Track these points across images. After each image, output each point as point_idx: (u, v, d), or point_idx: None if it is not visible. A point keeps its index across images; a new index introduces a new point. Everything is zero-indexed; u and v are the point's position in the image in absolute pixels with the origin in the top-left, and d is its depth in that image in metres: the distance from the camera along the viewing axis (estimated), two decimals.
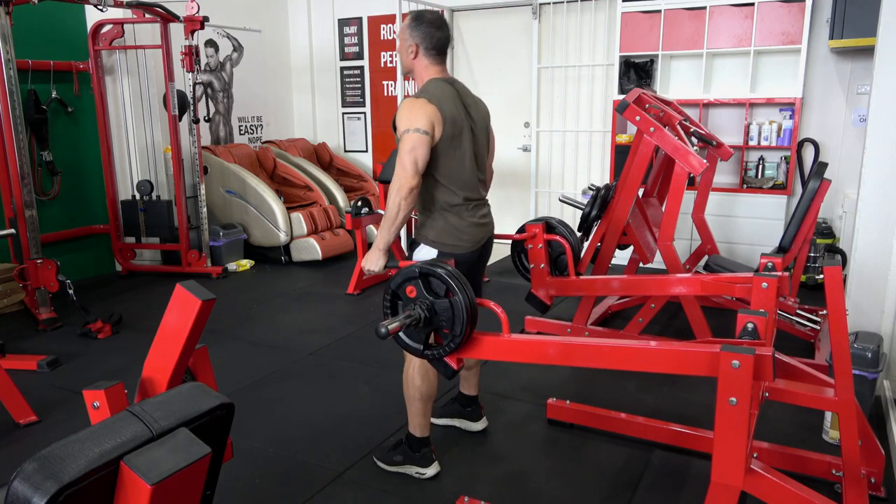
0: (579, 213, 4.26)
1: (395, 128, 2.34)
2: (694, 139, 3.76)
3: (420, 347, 2.00)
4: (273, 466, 2.62)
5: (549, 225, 2.86)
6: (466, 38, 6.23)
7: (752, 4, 4.82)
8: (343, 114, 7.02)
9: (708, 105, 5.18)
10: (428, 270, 1.93)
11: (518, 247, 2.91)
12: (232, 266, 5.58)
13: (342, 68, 6.92)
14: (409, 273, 1.95)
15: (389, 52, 6.59)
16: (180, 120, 5.22)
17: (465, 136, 2.37)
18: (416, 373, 2.43)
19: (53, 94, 5.03)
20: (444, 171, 2.35)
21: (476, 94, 2.61)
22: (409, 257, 2.42)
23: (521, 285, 3.50)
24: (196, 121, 5.29)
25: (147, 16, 4.94)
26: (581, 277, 3.01)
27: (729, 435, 1.59)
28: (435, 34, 2.40)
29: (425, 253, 2.40)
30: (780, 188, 4.99)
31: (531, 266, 2.87)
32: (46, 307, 4.26)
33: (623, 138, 5.43)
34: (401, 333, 1.99)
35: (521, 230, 2.81)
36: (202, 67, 5.91)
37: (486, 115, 2.54)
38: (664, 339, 3.72)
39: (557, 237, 2.84)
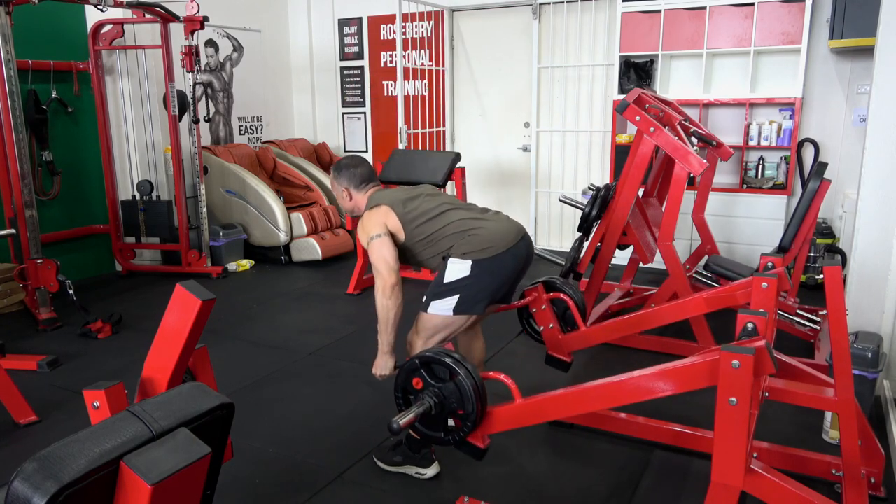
0: (579, 213, 4.26)
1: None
2: (694, 139, 3.76)
3: (441, 435, 2.06)
4: (273, 466, 2.62)
5: (549, 284, 2.88)
6: (466, 38, 6.23)
7: (752, 4, 4.82)
8: (343, 114, 7.02)
9: (708, 105, 5.18)
10: (428, 359, 1.99)
11: (524, 313, 2.94)
12: (232, 266, 5.58)
13: (342, 68, 6.92)
14: (411, 366, 2.02)
15: (390, 52, 6.59)
16: (180, 120, 5.22)
17: (420, 197, 2.53)
18: None
19: (53, 94, 5.02)
20: (432, 221, 2.45)
21: (476, 94, 2.69)
22: (443, 273, 2.40)
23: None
24: (196, 121, 5.29)
25: (147, 16, 4.94)
26: (593, 326, 3.04)
27: (729, 435, 1.59)
28: (356, 173, 2.62)
29: (459, 266, 2.37)
30: (780, 188, 4.99)
31: (541, 328, 2.89)
32: (46, 307, 4.26)
33: (623, 138, 5.43)
34: (418, 425, 2.05)
35: (522, 297, 2.85)
36: (202, 67, 5.91)
37: (433, 186, 2.74)
38: (664, 339, 3.72)
39: (559, 294, 2.86)
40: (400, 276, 2.39)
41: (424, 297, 2.43)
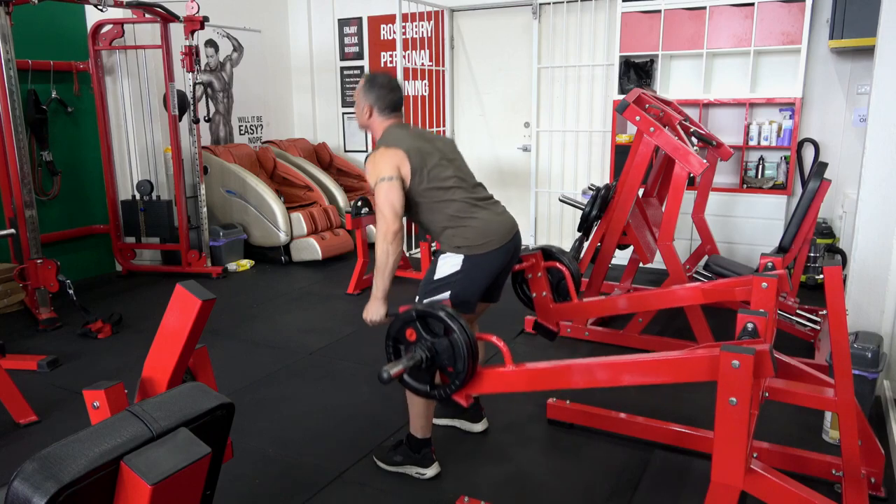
0: (579, 212, 4.26)
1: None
2: (694, 139, 3.76)
3: (427, 388, 2.05)
4: (273, 466, 2.62)
5: (547, 252, 2.89)
6: (466, 38, 6.23)
7: (752, 4, 4.81)
8: (343, 114, 7.02)
9: (708, 105, 5.18)
10: (425, 312, 1.98)
11: (518, 277, 2.94)
12: (232, 266, 5.58)
13: (342, 68, 6.92)
14: (407, 317, 2.01)
15: (390, 52, 6.59)
16: (180, 120, 5.22)
17: (436, 156, 2.45)
18: None
19: (53, 94, 5.03)
20: (438, 191, 2.41)
21: (476, 94, 2.65)
22: (434, 269, 2.41)
23: None
24: (196, 121, 5.29)
25: (147, 16, 4.94)
26: (585, 301, 3.04)
27: (729, 435, 1.59)
28: (387, 96, 2.50)
29: (450, 262, 2.38)
30: (780, 188, 4.99)
31: (533, 295, 2.89)
32: (46, 307, 4.26)
33: (623, 138, 5.43)
34: (406, 377, 2.04)
35: (520, 261, 2.85)
36: (202, 67, 5.91)
37: (451, 141, 2.65)
38: (664, 339, 3.72)
39: (556, 264, 2.86)
40: (403, 223, 2.37)
41: (417, 297, 2.43)
